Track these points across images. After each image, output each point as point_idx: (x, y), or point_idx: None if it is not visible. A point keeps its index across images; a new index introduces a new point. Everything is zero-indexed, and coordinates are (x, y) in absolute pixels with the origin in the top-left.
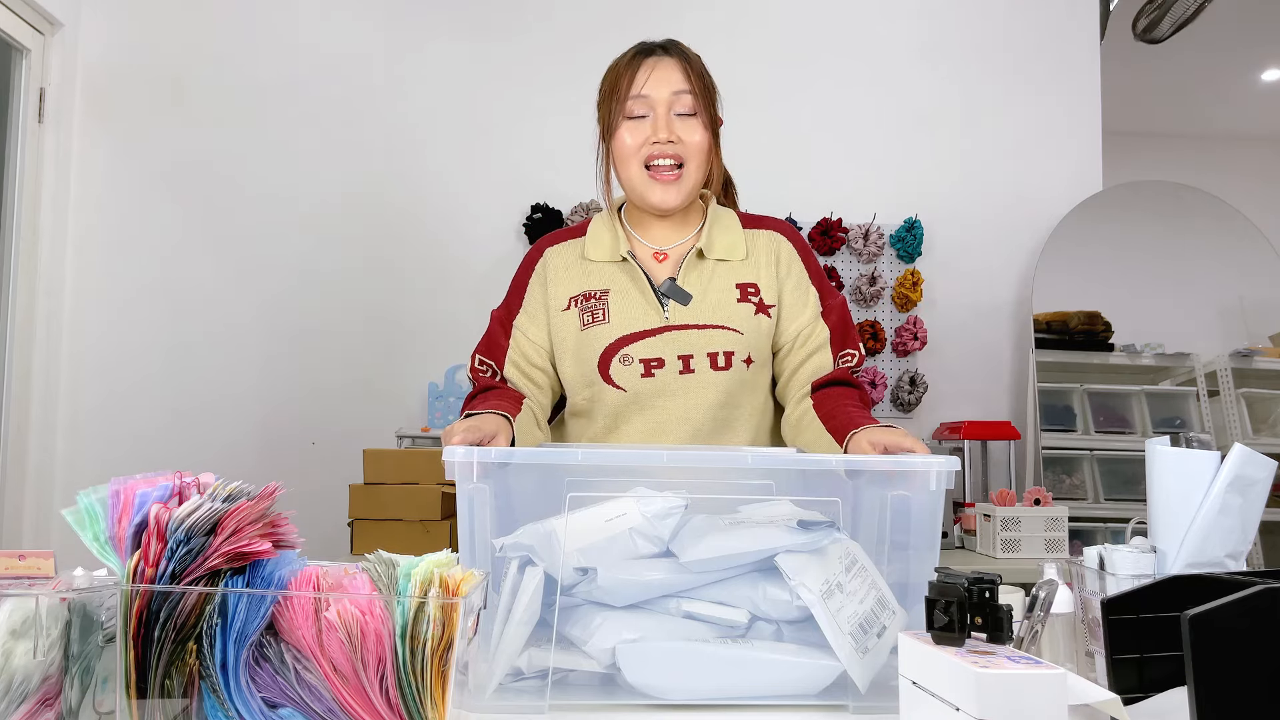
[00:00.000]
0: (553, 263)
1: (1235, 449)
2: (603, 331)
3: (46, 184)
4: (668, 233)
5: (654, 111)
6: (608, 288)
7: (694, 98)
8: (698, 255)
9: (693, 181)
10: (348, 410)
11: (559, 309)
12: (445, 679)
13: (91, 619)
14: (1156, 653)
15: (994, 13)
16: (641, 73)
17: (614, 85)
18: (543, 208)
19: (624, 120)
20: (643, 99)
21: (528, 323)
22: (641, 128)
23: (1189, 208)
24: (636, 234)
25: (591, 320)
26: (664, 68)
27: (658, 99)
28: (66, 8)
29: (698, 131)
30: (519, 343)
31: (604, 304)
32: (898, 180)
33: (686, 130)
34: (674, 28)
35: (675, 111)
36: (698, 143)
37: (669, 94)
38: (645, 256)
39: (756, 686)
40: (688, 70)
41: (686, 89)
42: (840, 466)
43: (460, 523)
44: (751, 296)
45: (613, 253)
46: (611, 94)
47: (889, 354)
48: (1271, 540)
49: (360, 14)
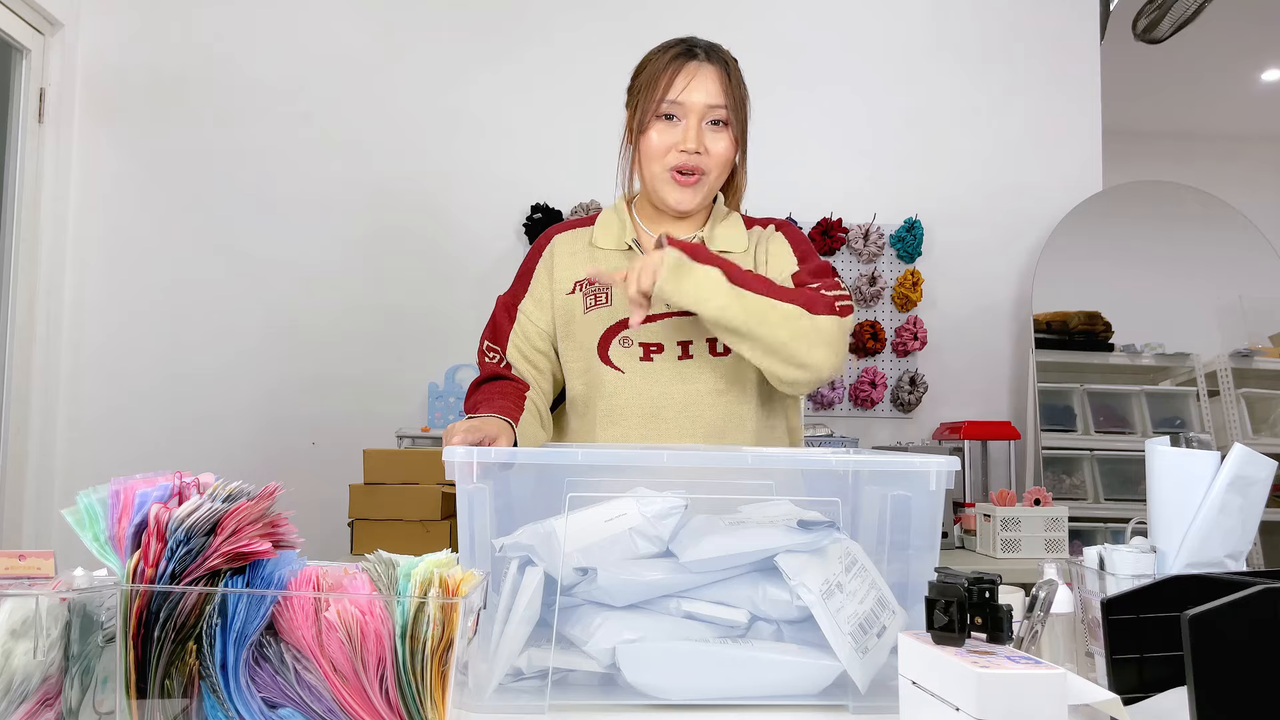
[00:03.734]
0: (560, 249)
1: (1235, 449)
2: (605, 314)
3: (46, 184)
4: (675, 226)
5: (686, 119)
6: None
7: (726, 111)
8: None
9: (710, 186)
10: (348, 410)
11: (564, 292)
12: (445, 679)
13: (91, 619)
14: (1156, 653)
15: (994, 13)
16: (681, 78)
17: (651, 82)
18: (543, 208)
19: (655, 120)
20: (677, 105)
21: (532, 307)
22: (672, 131)
23: (1189, 208)
24: (644, 226)
25: (594, 303)
26: (704, 76)
27: (692, 108)
28: (66, 8)
29: (724, 141)
30: (522, 326)
31: (607, 289)
32: (898, 180)
33: (714, 141)
34: (674, 27)
35: (707, 121)
36: (722, 151)
37: (704, 105)
38: (650, 245)
39: (756, 686)
40: (726, 83)
41: (721, 103)
42: (840, 466)
43: (460, 523)
44: None
45: (619, 240)
46: (648, 90)
47: (889, 354)
48: (1271, 540)
49: (360, 14)
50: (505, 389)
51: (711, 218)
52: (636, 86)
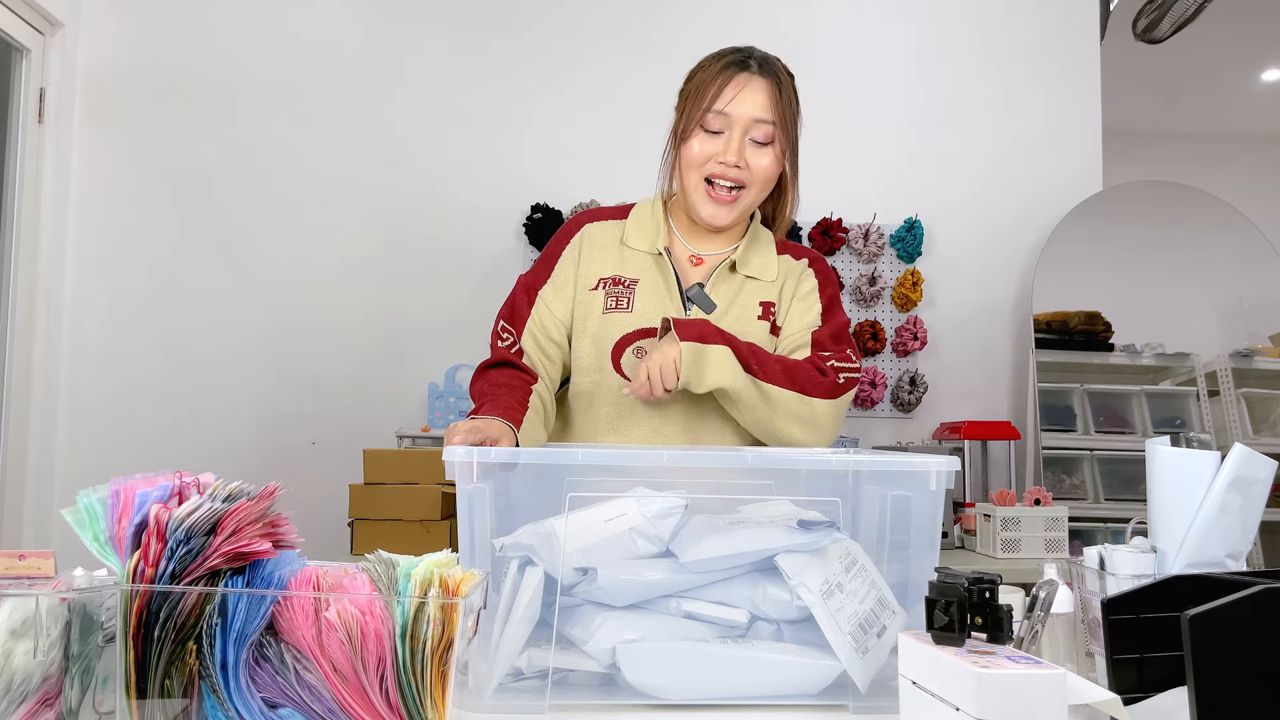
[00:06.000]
0: (592, 239)
1: (1235, 449)
2: (623, 319)
3: (46, 184)
4: (708, 239)
5: (730, 131)
6: (638, 277)
7: (773, 128)
8: (730, 268)
9: (747, 204)
10: (348, 410)
11: (588, 287)
12: (445, 679)
13: (91, 619)
14: (1156, 653)
15: (994, 13)
16: (730, 89)
17: (700, 89)
18: (543, 208)
19: (699, 130)
20: (723, 116)
21: (553, 295)
22: (714, 143)
23: (1189, 208)
24: (678, 232)
25: (615, 306)
26: (753, 89)
27: (737, 120)
28: (66, 8)
29: (767, 158)
30: (540, 313)
31: (630, 293)
32: (898, 180)
33: (756, 157)
34: (674, 27)
35: (751, 136)
36: (764, 168)
37: (749, 119)
38: (681, 256)
39: (756, 686)
40: (776, 98)
41: (769, 119)
42: (840, 466)
43: (460, 523)
44: (771, 315)
45: (651, 244)
46: (695, 97)
47: (889, 354)
48: (1271, 540)
49: (361, 14)
50: (513, 382)
51: (747, 238)
52: (686, 91)
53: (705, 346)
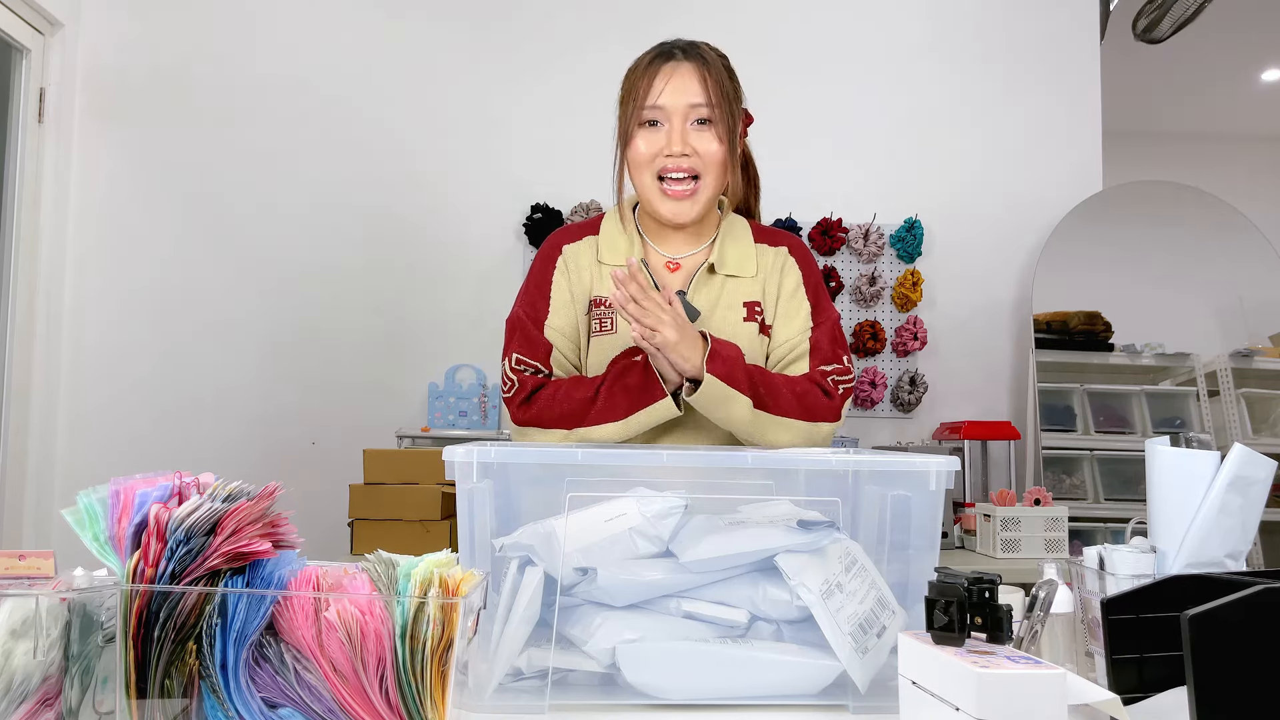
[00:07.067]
0: (572, 262)
1: (1235, 449)
2: (610, 342)
3: (46, 184)
4: (681, 242)
5: (669, 122)
6: None
7: (710, 108)
8: (709, 270)
9: (709, 194)
10: (348, 410)
11: (583, 313)
12: (445, 679)
13: (91, 619)
14: (1156, 653)
15: (994, 13)
16: (658, 81)
17: (631, 89)
18: (543, 208)
19: (638, 128)
20: (658, 109)
21: (562, 323)
22: (657, 137)
23: (1189, 208)
24: (650, 240)
25: (600, 329)
26: (681, 75)
27: (673, 109)
28: (66, 8)
29: (713, 141)
30: (560, 347)
31: (612, 313)
32: (898, 180)
33: (703, 141)
34: (673, 27)
35: (692, 121)
36: (713, 152)
37: (685, 104)
38: (658, 265)
39: (756, 686)
40: (705, 79)
41: (702, 101)
42: (840, 466)
43: (460, 523)
44: (757, 315)
45: (625, 258)
46: (629, 98)
47: (889, 354)
48: (1271, 540)
49: (361, 14)
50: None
51: (721, 235)
52: (621, 97)
53: (730, 393)
